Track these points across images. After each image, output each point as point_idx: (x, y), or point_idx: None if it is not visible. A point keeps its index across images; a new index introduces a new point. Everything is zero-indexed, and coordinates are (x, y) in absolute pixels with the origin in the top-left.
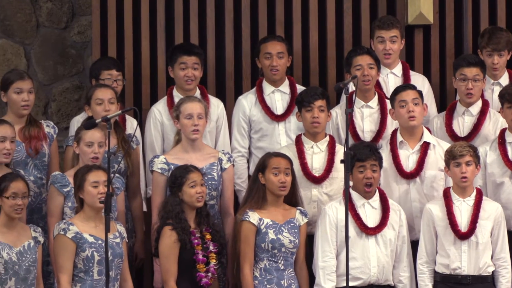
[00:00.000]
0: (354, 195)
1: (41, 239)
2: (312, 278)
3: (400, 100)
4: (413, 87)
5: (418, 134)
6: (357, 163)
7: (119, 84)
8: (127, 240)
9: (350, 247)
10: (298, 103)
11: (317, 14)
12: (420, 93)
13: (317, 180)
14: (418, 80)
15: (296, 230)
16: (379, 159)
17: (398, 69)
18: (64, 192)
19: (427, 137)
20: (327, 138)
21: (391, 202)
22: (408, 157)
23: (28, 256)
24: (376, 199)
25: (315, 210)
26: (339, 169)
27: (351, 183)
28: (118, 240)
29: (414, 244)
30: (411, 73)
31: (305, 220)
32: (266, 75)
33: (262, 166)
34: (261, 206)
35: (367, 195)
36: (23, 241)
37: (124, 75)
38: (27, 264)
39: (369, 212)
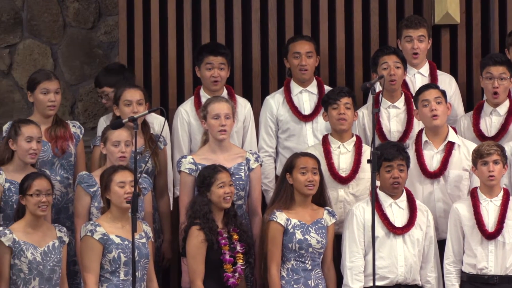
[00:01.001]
0: (381, 195)
1: (66, 239)
2: (339, 279)
3: (423, 100)
4: (436, 87)
5: (443, 134)
6: (384, 162)
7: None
8: (153, 240)
9: (377, 247)
10: (324, 102)
11: (343, 14)
12: (443, 93)
13: (343, 181)
14: (445, 79)
15: (323, 231)
16: (406, 159)
17: (425, 69)
18: (91, 192)
19: (452, 137)
20: (354, 138)
21: (418, 202)
22: (433, 157)
23: (52, 256)
24: (403, 199)
25: (342, 211)
26: (365, 169)
27: (378, 183)
28: (144, 240)
29: (439, 244)
30: (438, 72)
31: (333, 221)
32: (294, 75)
33: (289, 166)
34: (288, 206)
35: (394, 195)
36: (47, 241)
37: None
38: (51, 264)
39: (396, 212)
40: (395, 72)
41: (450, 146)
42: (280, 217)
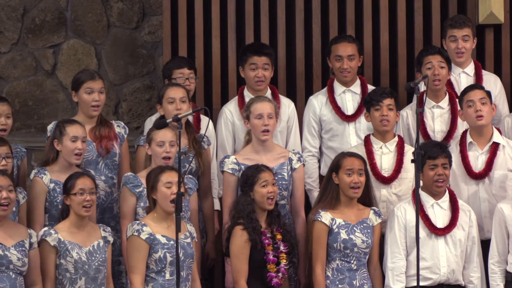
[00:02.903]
0: (423, 195)
1: (111, 238)
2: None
3: (468, 100)
4: (481, 87)
5: (488, 134)
6: (428, 161)
7: (192, 82)
8: (197, 240)
9: (419, 247)
10: (367, 103)
11: (387, 13)
12: (488, 93)
13: (386, 181)
14: (490, 79)
15: (369, 230)
16: (449, 157)
17: (470, 68)
18: (137, 193)
19: (496, 137)
20: (396, 138)
21: (460, 203)
22: (477, 158)
23: (97, 255)
24: (445, 200)
25: (384, 210)
26: (408, 169)
27: (421, 183)
28: (188, 240)
29: (484, 244)
30: (483, 72)
31: (379, 221)
32: (337, 76)
33: (335, 166)
34: (334, 206)
35: (436, 195)
36: (92, 241)
37: (196, 74)
38: (96, 264)
39: (438, 213)
40: (439, 72)
41: (495, 147)
42: (325, 216)
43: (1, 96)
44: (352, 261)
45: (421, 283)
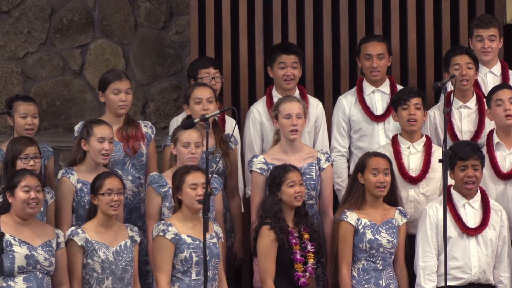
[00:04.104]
0: (455, 195)
1: (138, 238)
2: (411, 278)
3: (497, 99)
4: (509, 86)
5: None
6: (458, 162)
7: (218, 82)
8: (223, 240)
9: (451, 247)
10: (394, 102)
11: (415, 13)
12: None
13: (413, 181)
14: None
15: (394, 230)
16: (481, 158)
17: (497, 68)
18: (162, 193)
19: None
20: (424, 138)
21: (492, 202)
22: (505, 158)
23: (124, 255)
24: (477, 199)
25: (412, 211)
26: (436, 169)
27: (452, 182)
28: (214, 240)
29: None
30: (510, 72)
31: (404, 220)
32: (366, 76)
33: (361, 166)
34: (359, 206)
35: (468, 195)
36: (119, 241)
37: (222, 74)
38: (123, 264)
39: (470, 213)
40: (467, 73)
41: None
42: (351, 217)
43: (28, 96)
44: (377, 261)
45: (452, 283)
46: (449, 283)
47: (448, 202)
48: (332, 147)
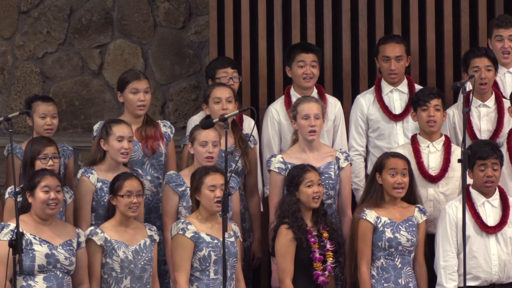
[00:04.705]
0: (474, 193)
1: (157, 237)
2: (430, 277)
3: None
4: None
5: None
6: (478, 161)
7: (235, 82)
8: (241, 240)
9: (470, 246)
10: (414, 103)
11: (434, 13)
12: None
13: (433, 179)
14: None
15: (414, 229)
16: (500, 158)
17: None
18: (179, 192)
19: None
20: (443, 137)
21: (511, 200)
22: None
23: (143, 254)
24: (496, 198)
25: (431, 209)
26: (455, 168)
27: (471, 181)
28: (232, 239)
29: None
30: None
31: (424, 218)
32: (384, 77)
33: (379, 166)
34: (378, 205)
35: (487, 193)
36: (139, 240)
37: (240, 73)
38: (142, 263)
39: (489, 211)
40: (486, 76)
41: None
42: (370, 215)
43: (47, 96)
44: (397, 259)
45: (473, 283)
46: (470, 283)
47: (467, 201)
48: (350, 146)
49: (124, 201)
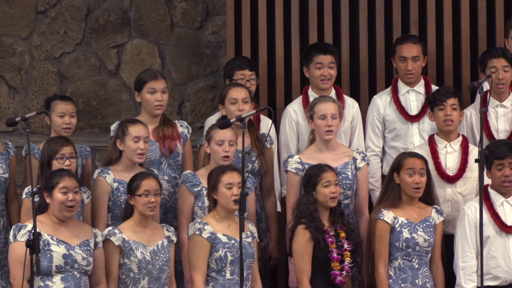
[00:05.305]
0: (493, 193)
1: (174, 238)
2: (447, 278)
3: None
4: None
5: None
6: (495, 161)
7: (253, 84)
8: (258, 240)
9: (490, 246)
10: (431, 102)
11: (451, 13)
12: None
13: (451, 180)
14: None
15: (431, 229)
16: None
17: None
18: (195, 192)
19: None
20: (460, 138)
21: None
22: None
23: (161, 255)
24: None
25: (449, 210)
26: (473, 168)
27: (490, 182)
28: (250, 239)
29: None
30: None
31: (441, 219)
32: (401, 77)
33: (397, 166)
34: (396, 205)
35: (505, 193)
36: (156, 240)
37: (258, 75)
38: (160, 264)
39: (508, 211)
40: (503, 76)
41: None
42: (387, 215)
43: (66, 96)
44: (414, 260)
45: (492, 283)
46: (489, 283)
47: (486, 201)
48: (366, 147)
49: (142, 201)
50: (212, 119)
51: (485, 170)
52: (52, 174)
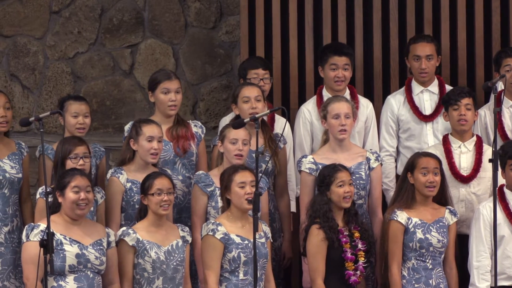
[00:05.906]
0: (508, 193)
1: (189, 238)
2: (461, 278)
3: None
4: None
5: None
6: (509, 161)
7: (266, 83)
8: (271, 240)
9: (505, 246)
10: (445, 102)
11: (465, 13)
12: None
13: (465, 180)
14: None
15: (445, 230)
16: None
17: None
18: (208, 192)
19: None
20: (474, 137)
21: None
22: None
23: (176, 255)
24: None
25: (463, 210)
26: (487, 168)
27: (504, 182)
28: (263, 240)
29: None
30: None
31: (454, 220)
32: (415, 76)
33: (411, 166)
34: (410, 205)
35: None
36: (171, 240)
37: (271, 74)
38: (175, 264)
39: None
40: None
41: None
42: (401, 216)
43: (80, 96)
44: (427, 260)
45: (506, 283)
46: (503, 283)
47: (501, 201)
48: (381, 147)
49: (155, 199)
50: (226, 119)
51: (500, 170)
52: (64, 174)
